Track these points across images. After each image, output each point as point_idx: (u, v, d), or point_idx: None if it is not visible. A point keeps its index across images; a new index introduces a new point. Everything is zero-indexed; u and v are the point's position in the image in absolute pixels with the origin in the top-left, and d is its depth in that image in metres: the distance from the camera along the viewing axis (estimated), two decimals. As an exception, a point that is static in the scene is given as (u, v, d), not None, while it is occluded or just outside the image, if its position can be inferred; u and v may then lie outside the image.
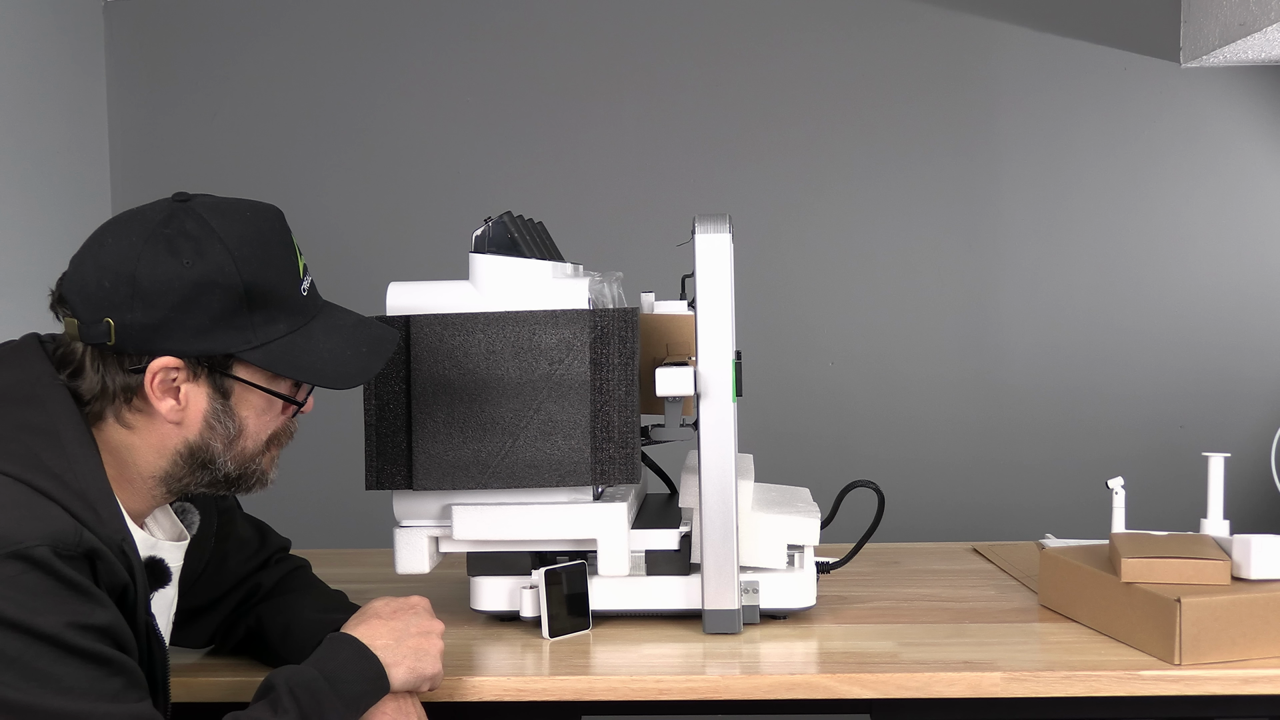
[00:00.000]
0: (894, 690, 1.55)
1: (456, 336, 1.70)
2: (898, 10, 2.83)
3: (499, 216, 1.76)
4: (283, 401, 1.43)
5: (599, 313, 1.69)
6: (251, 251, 1.35)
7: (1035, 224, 2.84)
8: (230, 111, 2.90)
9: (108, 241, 1.35)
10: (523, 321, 1.70)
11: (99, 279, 1.33)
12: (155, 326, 1.32)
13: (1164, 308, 2.83)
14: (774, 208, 2.86)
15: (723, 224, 1.69)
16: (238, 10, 2.89)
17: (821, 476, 2.19)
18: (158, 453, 1.39)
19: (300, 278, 1.41)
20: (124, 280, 1.32)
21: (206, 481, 1.42)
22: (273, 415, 1.43)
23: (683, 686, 1.56)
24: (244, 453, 1.42)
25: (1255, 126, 2.79)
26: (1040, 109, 2.82)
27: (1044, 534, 2.29)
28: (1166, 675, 1.54)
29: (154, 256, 1.32)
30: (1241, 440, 2.76)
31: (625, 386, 1.68)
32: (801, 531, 1.77)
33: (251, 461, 1.44)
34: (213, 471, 1.41)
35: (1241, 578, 1.65)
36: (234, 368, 1.38)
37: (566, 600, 1.73)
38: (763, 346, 2.74)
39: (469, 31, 2.87)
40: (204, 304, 1.33)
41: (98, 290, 1.32)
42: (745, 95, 2.85)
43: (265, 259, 1.37)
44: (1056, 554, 1.82)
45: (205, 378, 1.37)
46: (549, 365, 1.69)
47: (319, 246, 2.89)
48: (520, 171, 2.87)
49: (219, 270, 1.33)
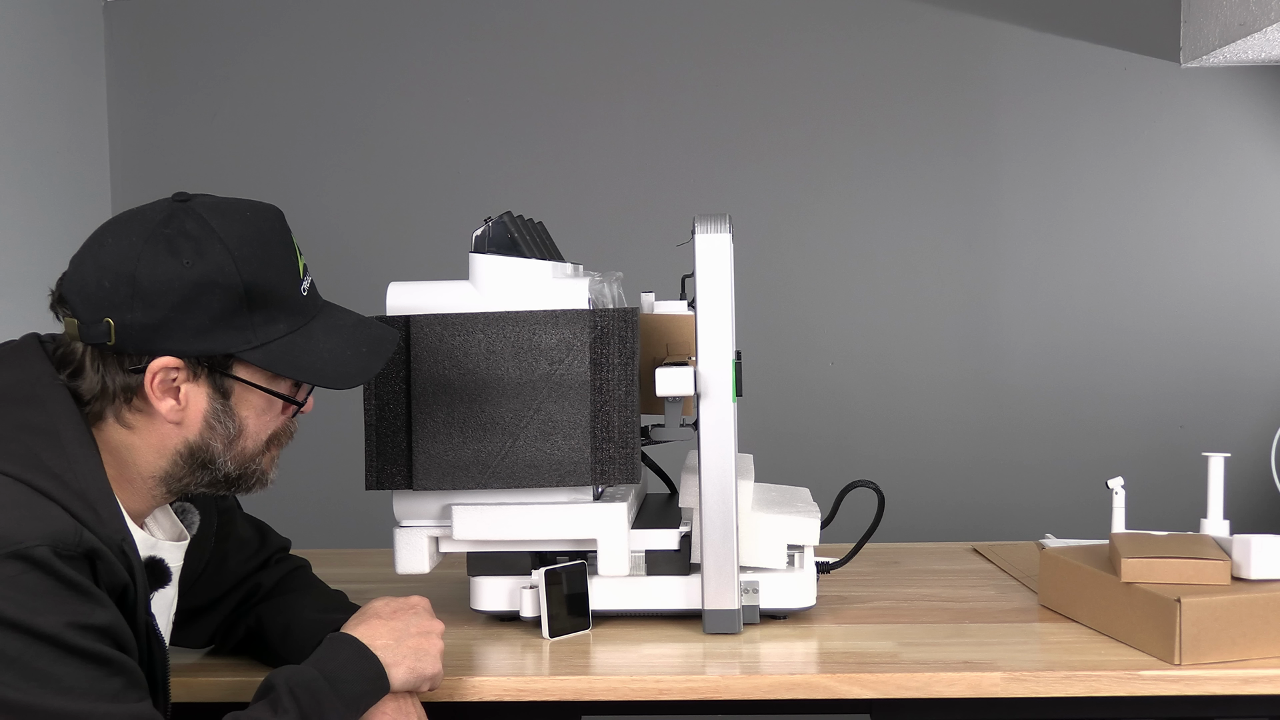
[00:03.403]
0: (894, 690, 1.55)
1: (456, 336, 1.70)
2: (898, 10, 2.83)
3: (499, 216, 1.76)
4: (282, 402, 1.43)
5: (599, 313, 1.69)
6: (251, 251, 1.35)
7: (1035, 224, 2.84)
8: (230, 111, 2.90)
9: (108, 241, 1.35)
10: (523, 321, 1.70)
11: (99, 279, 1.33)
12: (155, 326, 1.32)
13: (1164, 308, 2.83)
14: (774, 208, 2.86)
15: (723, 224, 1.69)
16: (238, 10, 2.89)
17: (821, 476, 2.19)
18: (158, 453, 1.39)
19: (300, 278, 1.41)
20: (124, 280, 1.32)
21: (206, 481, 1.43)
22: (273, 415, 1.44)
23: (683, 686, 1.56)
24: (244, 453, 1.43)
25: (1255, 126, 2.79)
26: (1040, 109, 2.82)
27: (1044, 534, 2.29)
28: (1166, 675, 1.54)
29: (154, 256, 1.32)
30: (1241, 440, 2.76)
31: (625, 386, 1.68)
32: (801, 531, 1.77)
33: (251, 461, 1.44)
34: (213, 471, 1.42)
35: (1241, 578, 1.65)
36: (234, 368, 1.38)
37: (566, 600, 1.73)
38: (763, 346, 2.74)
39: (469, 32, 2.87)
40: (204, 304, 1.33)
41: (98, 290, 1.32)
42: (745, 95, 2.85)
43: (265, 259, 1.37)
44: (1056, 554, 1.82)
45: (205, 378, 1.37)
46: (549, 365, 1.69)
47: (319, 246, 2.89)
48: (520, 171, 2.87)
49: (219, 270, 1.33)
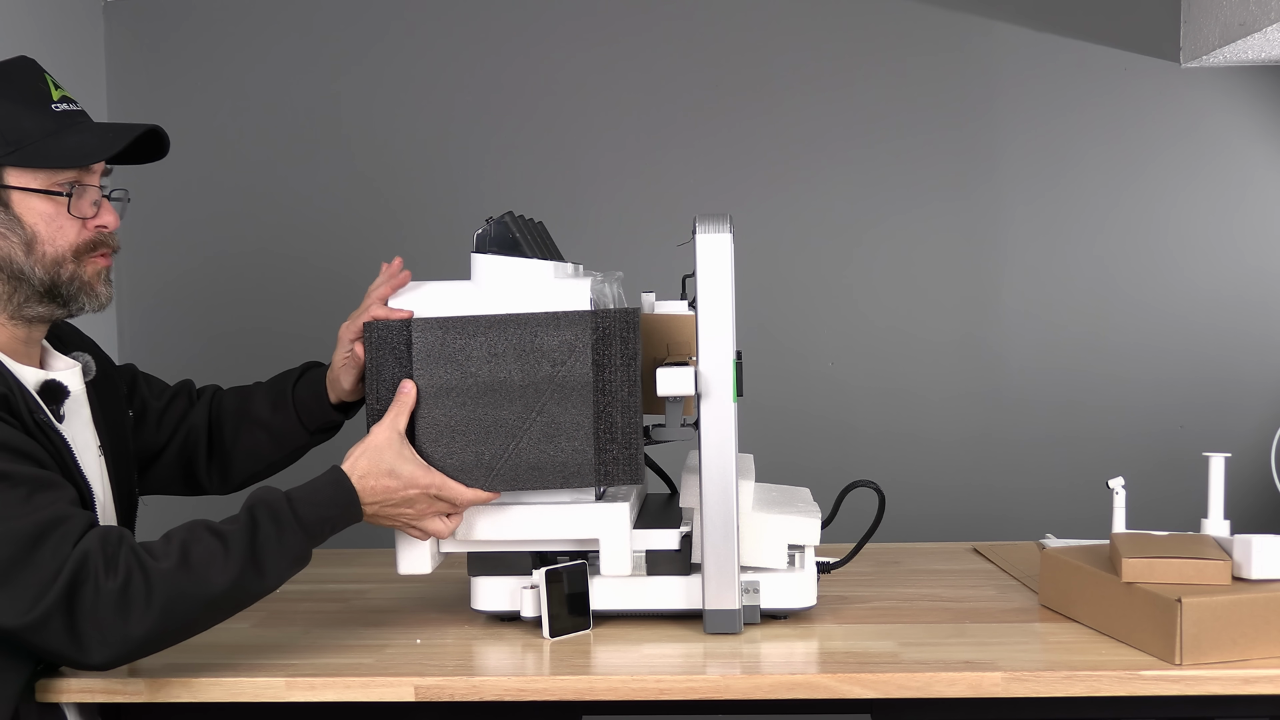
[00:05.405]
0: (894, 690, 1.55)
1: (458, 339, 1.71)
2: (898, 10, 2.83)
3: (500, 216, 1.76)
4: (68, 208, 1.60)
5: (601, 314, 1.69)
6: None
7: (1035, 223, 2.84)
8: (230, 111, 2.90)
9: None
10: (525, 324, 1.70)
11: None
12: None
13: (1164, 307, 2.83)
14: (774, 208, 2.86)
15: (723, 224, 1.69)
16: (238, 10, 2.89)
17: (821, 476, 2.20)
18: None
19: (53, 101, 1.61)
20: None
21: (35, 298, 1.61)
22: (65, 222, 1.61)
23: (683, 686, 1.56)
24: (47, 257, 1.60)
25: (1255, 126, 2.79)
26: (1040, 109, 2.82)
27: (1044, 534, 2.29)
28: (1167, 675, 1.54)
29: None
30: (1241, 440, 2.76)
31: (628, 387, 1.69)
32: (802, 531, 1.77)
33: (61, 268, 1.61)
34: (30, 283, 1.60)
35: (1242, 578, 1.65)
36: (4, 176, 1.58)
37: (567, 600, 1.73)
38: (763, 346, 2.74)
39: (470, 32, 2.87)
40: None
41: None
42: (745, 95, 2.85)
43: (4, 85, 1.60)
44: (1057, 554, 1.82)
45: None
46: (551, 367, 1.69)
47: (319, 246, 2.90)
48: (520, 171, 2.87)
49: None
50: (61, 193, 1.60)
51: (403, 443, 1.66)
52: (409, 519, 1.68)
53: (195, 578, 1.49)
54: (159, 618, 1.47)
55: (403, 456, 1.64)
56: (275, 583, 1.57)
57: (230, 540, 1.52)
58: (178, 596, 1.48)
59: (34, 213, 1.59)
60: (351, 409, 1.91)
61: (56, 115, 1.61)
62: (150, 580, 1.46)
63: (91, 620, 1.45)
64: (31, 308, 1.62)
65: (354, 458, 1.64)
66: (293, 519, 1.56)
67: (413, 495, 1.65)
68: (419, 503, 1.66)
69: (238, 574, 1.51)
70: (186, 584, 1.48)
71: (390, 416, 1.67)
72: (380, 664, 1.63)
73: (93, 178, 1.65)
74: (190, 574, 1.49)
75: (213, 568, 1.50)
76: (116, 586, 1.45)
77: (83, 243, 1.63)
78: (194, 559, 1.49)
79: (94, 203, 1.65)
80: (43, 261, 1.60)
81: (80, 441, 1.66)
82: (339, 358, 1.84)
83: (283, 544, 1.55)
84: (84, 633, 1.45)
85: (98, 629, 1.45)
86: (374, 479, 1.62)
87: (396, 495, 1.64)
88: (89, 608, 1.45)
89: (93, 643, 1.46)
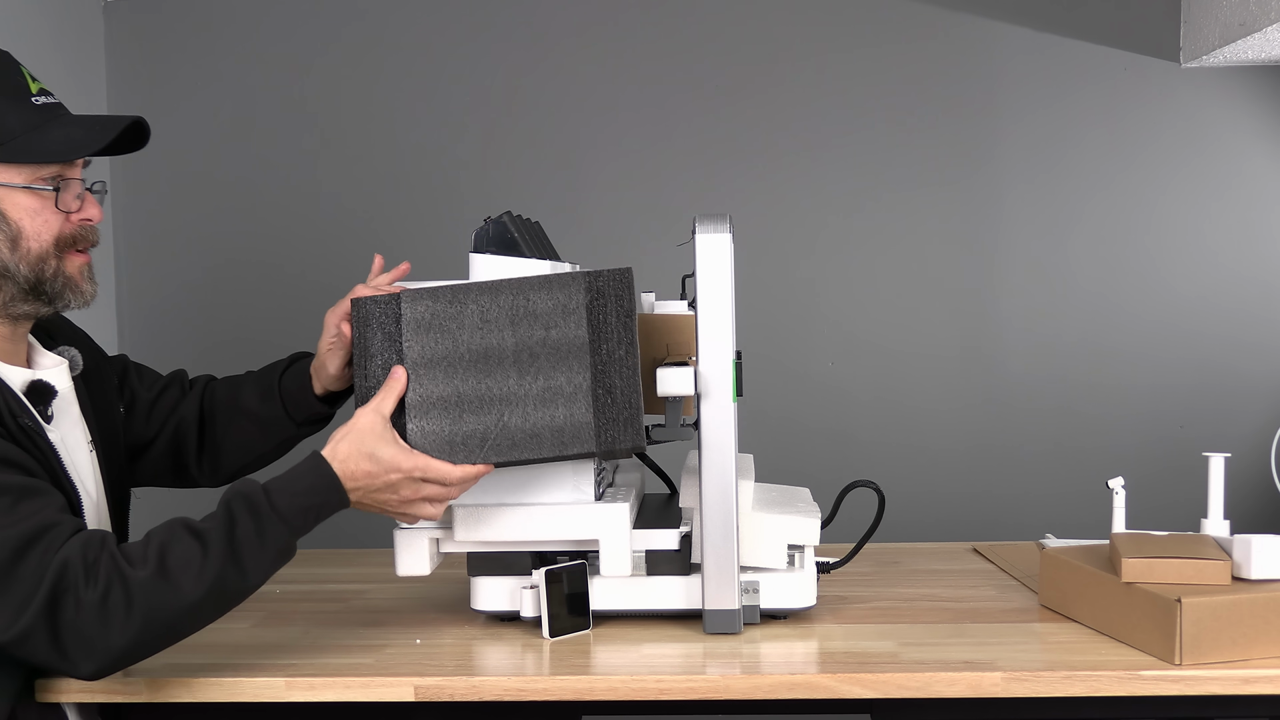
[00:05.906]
0: (894, 690, 1.55)
1: (449, 307, 1.67)
2: (898, 10, 2.83)
3: (499, 216, 1.76)
4: (54, 202, 1.58)
5: (594, 273, 1.67)
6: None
7: (1035, 223, 2.84)
8: (230, 111, 2.90)
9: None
10: (517, 288, 1.67)
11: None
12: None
13: (1164, 307, 2.83)
14: (774, 208, 2.86)
15: (723, 224, 1.69)
16: (238, 10, 2.89)
17: (821, 476, 2.19)
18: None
19: (32, 94, 1.58)
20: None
21: (20, 296, 1.59)
22: (49, 215, 1.59)
23: (683, 686, 1.56)
24: (31, 253, 1.58)
25: (1255, 126, 2.79)
26: (1040, 109, 2.82)
27: (1044, 534, 2.29)
28: (1167, 675, 1.54)
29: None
30: (1241, 440, 2.76)
31: (625, 347, 1.65)
32: (802, 531, 1.77)
33: (45, 264, 1.59)
34: (15, 280, 1.58)
35: (1242, 578, 1.65)
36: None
37: (567, 600, 1.73)
38: (763, 346, 2.74)
39: (469, 32, 2.87)
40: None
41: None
42: (745, 95, 2.85)
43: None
44: (1057, 554, 1.82)
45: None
46: (545, 330, 1.66)
47: (319, 246, 2.90)
48: (520, 171, 2.87)
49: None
50: (47, 188, 1.58)
51: (385, 426, 1.60)
52: (394, 505, 1.62)
53: (173, 583, 1.46)
54: (140, 627, 1.45)
55: (384, 440, 1.59)
56: (259, 579, 1.53)
57: (208, 539, 1.48)
58: (159, 605, 1.45)
59: (19, 208, 1.57)
60: (339, 399, 1.87)
61: (37, 108, 1.59)
62: (129, 590, 1.44)
63: (74, 632, 1.43)
64: (17, 305, 1.60)
65: (335, 441, 1.59)
66: (271, 511, 1.52)
67: (395, 480, 1.59)
68: (403, 488, 1.60)
69: (217, 575, 1.48)
70: (166, 591, 1.45)
71: (376, 400, 1.62)
72: (380, 664, 1.63)
73: (75, 171, 1.63)
74: (168, 580, 1.45)
75: (190, 571, 1.46)
76: (96, 598, 1.42)
77: (64, 236, 1.61)
78: (171, 563, 1.46)
79: (77, 196, 1.63)
80: (27, 258, 1.58)
81: (70, 440, 1.65)
82: (324, 343, 1.79)
83: (262, 539, 1.51)
84: (68, 645, 1.44)
85: (81, 641, 1.44)
86: (354, 463, 1.57)
87: (378, 480, 1.58)
88: (70, 620, 1.43)
89: (78, 654, 1.45)
